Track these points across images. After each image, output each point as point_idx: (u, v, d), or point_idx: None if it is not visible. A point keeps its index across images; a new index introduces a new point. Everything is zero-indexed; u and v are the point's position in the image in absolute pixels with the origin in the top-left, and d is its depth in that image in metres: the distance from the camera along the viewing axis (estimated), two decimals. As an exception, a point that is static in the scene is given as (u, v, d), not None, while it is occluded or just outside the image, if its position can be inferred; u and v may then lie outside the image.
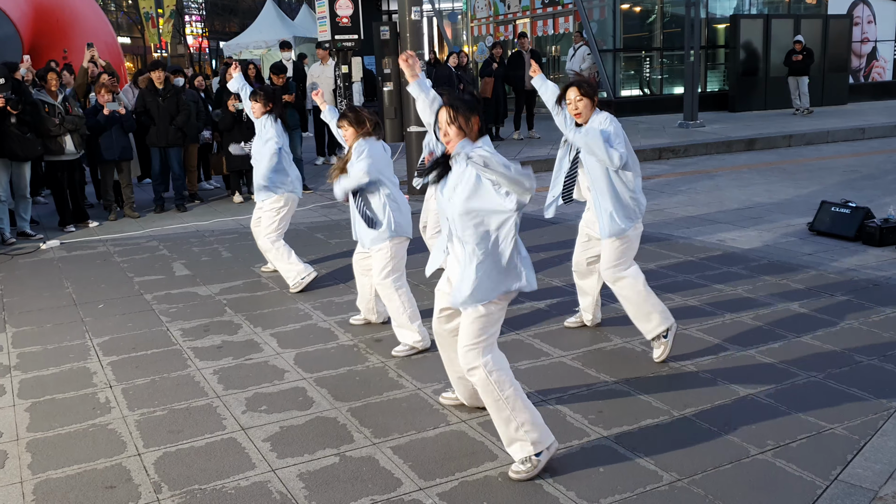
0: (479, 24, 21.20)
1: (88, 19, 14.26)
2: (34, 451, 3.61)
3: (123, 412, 3.98)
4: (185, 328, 5.20)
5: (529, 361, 4.44)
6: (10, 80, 7.65)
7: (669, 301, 5.37)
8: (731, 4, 18.76)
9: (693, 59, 14.60)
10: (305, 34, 21.34)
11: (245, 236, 7.83)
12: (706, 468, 3.27)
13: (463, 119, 3.09)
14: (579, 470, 3.30)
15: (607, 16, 17.30)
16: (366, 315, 5.17)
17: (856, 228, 6.90)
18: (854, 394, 3.89)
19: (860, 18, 19.37)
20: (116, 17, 43.79)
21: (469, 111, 3.10)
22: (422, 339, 4.60)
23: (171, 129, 8.94)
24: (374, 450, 3.52)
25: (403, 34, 9.60)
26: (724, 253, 6.54)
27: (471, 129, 3.10)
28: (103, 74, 8.87)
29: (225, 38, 36.56)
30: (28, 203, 8.18)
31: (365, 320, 5.18)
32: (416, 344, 4.61)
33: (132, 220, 8.83)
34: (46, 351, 4.88)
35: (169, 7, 28.92)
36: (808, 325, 4.84)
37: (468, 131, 3.10)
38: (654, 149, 12.55)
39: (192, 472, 3.38)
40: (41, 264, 7.06)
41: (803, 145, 13.45)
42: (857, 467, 3.24)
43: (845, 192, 8.98)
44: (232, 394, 4.16)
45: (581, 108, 4.22)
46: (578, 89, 4.21)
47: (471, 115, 3.10)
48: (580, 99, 4.21)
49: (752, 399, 3.87)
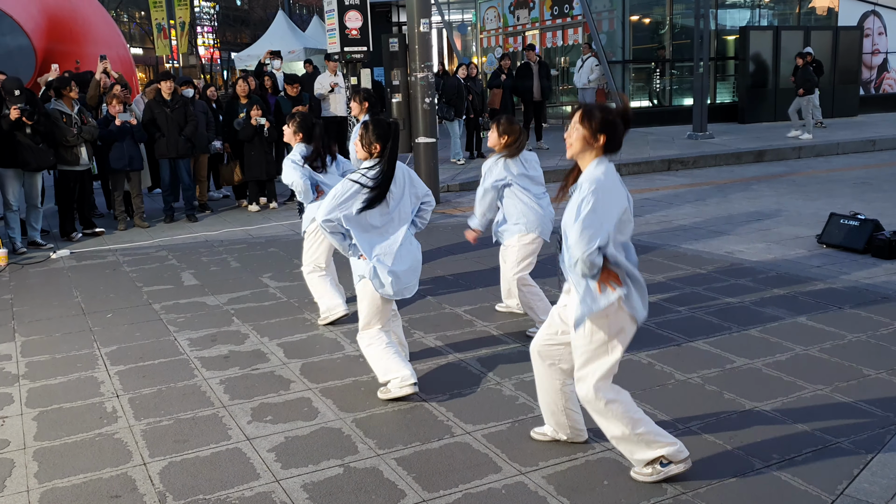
0: (488, 35, 21.28)
1: (101, 30, 14.40)
2: (41, 459, 3.63)
3: (130, 422, 4.00)
4: (192, 338, 5.23)
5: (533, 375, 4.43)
6: (25, 91, 7.74)
7: (676, 313, 5.36)
8: (741, 16, 18.78)
9: (702, 71, 14.61)
10: (316, 45, 21.46)
11: (254, 246, 7.87)
12: (711, 481, 3.25)
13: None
14: (583, 483, 3.29)
15: (616, 27, 17.34)
16: (507, 302, 5.53)
17: (865, 241, 6.86)
18: (861, 408, 3.87)
19: (871, 30, 19.34)
20: (129, 28, 44.20)
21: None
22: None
23: (180, 140, 9.00)
24: (379, 461, 3.52)
25: (412, 46, 9.64)
26: (732, 265, 6.52)
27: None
28: (115, 86, 8.96)
29: (236, 50, 36.83)
30: (39, 213, 8.25)
31: (507, 307, 5.53)
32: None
33: (142, 230, 8.89)
34: (55, 360, 4.91)
35: (181, 18, 29.14)
36: (816, 338, 4.81)
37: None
38: (662, 160, 12.54)
39: (196, 481, 3.39)
40: (51, 273, 7.11)
41: (813, 157, 13.41)
42: (863, 482, 3.22)
43: (855, 204, 8.95)
44: (238, 404, 4.17)
45: (574, 138, 3.11)
46: (581, 117, 3.11)
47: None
48: (576, 127, 3.11)
49: (758, 412, 3.86)
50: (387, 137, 4.06)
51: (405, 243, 4.14)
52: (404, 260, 4.11)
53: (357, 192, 4.02)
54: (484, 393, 4.21)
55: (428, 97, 9.61)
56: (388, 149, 4.06)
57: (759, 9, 19.11)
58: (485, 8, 21.08)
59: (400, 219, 4.17)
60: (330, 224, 4.07)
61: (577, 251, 2.96)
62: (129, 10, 45.04)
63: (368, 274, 4.08)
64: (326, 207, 4.05)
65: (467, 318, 5.46)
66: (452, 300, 5.88)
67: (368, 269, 4.07)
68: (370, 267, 4.07)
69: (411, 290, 4.21)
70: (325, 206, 4.06)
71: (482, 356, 4.74)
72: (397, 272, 4.07)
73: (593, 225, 2.96)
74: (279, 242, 7.99)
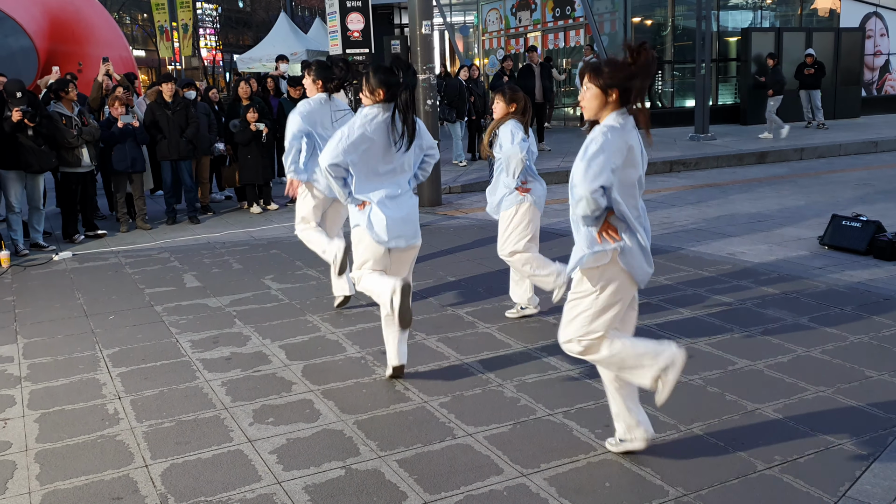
0: (490, 37, 21.29)
1: (104, 32, 14.43)
2: (42, 461, 3.64)
3: (132, 423, 4.00)
4: (194, 340, 5.23)
5: (537, 375, 4.44)
6: (27, 93, 7.75)
7: (678, 314, 5.36)
8: (743, 18, 18.78)
9: (704, 72, 14.61)
10: (318, 48, 21.50)
11: (255, 248, 7.88)
12: (713, 483, 3.25)
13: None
14: (585, 484, 3.29)
15: (618, 29, 17.35)
16: (516, 302, 5.49)
17: (867, 242, 6.86)
18: (863, 409, 3.86)
19: (873, 31, 19.34)
20: (131, 30, 44.29)
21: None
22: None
23: (181, 142, 9.02)
24: (380, 463, 3.52)
25: (414, 48, 9.65)
26: (733, 266, 6.51)
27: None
28: (118, 88, 8.97)
29: (239, 52, 36.88)
30: (41, 215, 8.27)
31: (518, 312, 5.47)
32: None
33: (144, 232, 8.90)
34: (56, 362, 4.92)
35: (183, 20, 29.18)
36: (818, 340, 4.81)
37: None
38: (664, 162, 12.54)
39: (198, 483, 3.39)
40: (53, 275, 7.12)
41: (815, 158, 13.41)
42: (865, 484, 3.21)
43: (857, 205, 8.94)
44: (239, 406, 4.17)
45: (587, 99, 3.12)
46: (590, 76, 3.10)
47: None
48: (587, 87, 3.12)
49: (760, 414, 3.85)
50: (389, 82, 4.02)
51: (404, 194, 4.17)
52: (401, 208, 4.14)
53: (363, 136, 4.02)
54: (486, 395, 4.21)
55: (430, 99, 9.63)
56: (393, 93, 4.01)
57: (760, 10, 19.12)
58: (486, 10, 21.10)
59: (402, 168, 4.19)
60: (336, 168, 4.08)
61: (582, 189, 2.95)
62: (132, 12, 45.16)
63: (363, 221, 4.11)
64: (332, 150, 4.04)
65: (469, 319, 5.45)
66: (454, 301, 5.88)
67: (364, 217, 4.11)
68: (366, 213, 4.10)
69: (407, 241, 4.21)
70: (330, 149, 4.05)
71: (484, 358, 4.73)
72: (393, 218, 4.10)
73: (599, 163, 2.95)
74: (281, 244, 8.00)
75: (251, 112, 9.36)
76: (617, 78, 3.03)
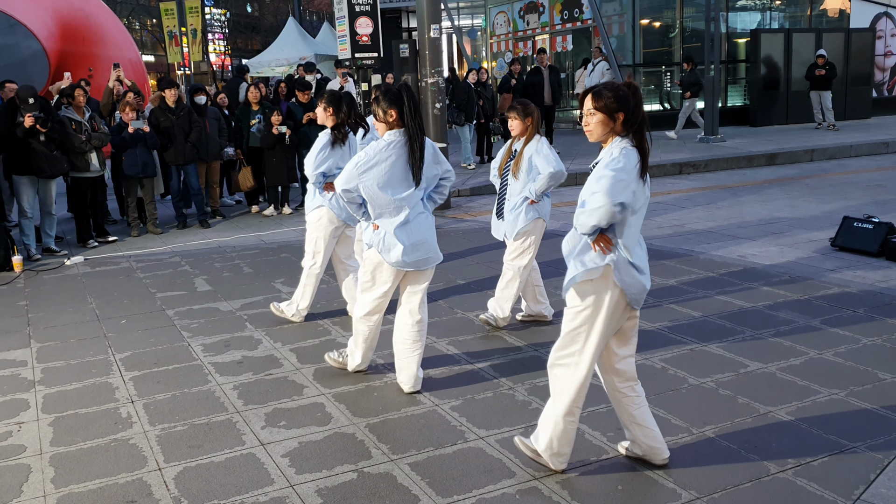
0: (498, 40, 21.30)
1: (113, 37, 14.48)
2: (57, 465, 3.66)
3: (145, 427, 4.02)
4: (206, 343, 5.25)
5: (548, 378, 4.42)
6: (38, 99, 7.80)
7: (689, 317, 5.35)
8: (752, 19, 18.72)
9: (713, 74, 14.57)
10: (326, 52, 21.57)
11: (266, 252, 7.90)
12: (725, 486, 3.24)
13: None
14: (597, 488, 3.28)
15: (627, 31, 17.32)
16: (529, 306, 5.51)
17: (879, 244, 6.83)
18: (877, 412, 3.84)
19: (883, 31, 19.23)
20: (140, 35, 44.51)
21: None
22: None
23: (186, 147, 9.05)
24: (392, 466, 3.53)
25: (423, 51, 9.66)
26: (744, 269, 6.49)
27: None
28: (128, 93, 9.02)
29: (247, 56, 37.05)
30: (53, 219, 8.31)
31: (530, 316, 5.49)
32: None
33: (155, 236, 8.94)
34: (70, 366, 4.94)
35: (192, 25, 29.31)
36: (830, 342, 4.79)
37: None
38: (674, 164, 12.51)
39: (211, 486, 3.41)
40: (65, 280, 7.16)
41: (825, 160, 13.35)
42: (880, 487, 3.19)
43: (868, 207, 8.89)
44: (251, 409, 4.19)
45: (592, 125, 3.15)
46: (594, 100, 3.12)
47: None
48: (592, 113, 3.13)
49: (773, 416, 3.84)
50: (400, 101, 4.06)
51: (420, 217, 4.17)
52: (416, 233, 4.14)
53: (378, 163, 4.05)
54: (497, 398, 4.21)
55: (438, 102, 9.63)
56: (405, 114, 4.06)
57: (769, 11, 19.05)
58: (494, 13, 21.11)
59: (417, 194, 4.19)
60: (349, 194, 4.13)
61: (604, 199, 2.96)
62: (141, 17, 45.39)
63: (377, 244, 4.13)
64: (346, 176, 4.09)
65: (479, 322, 5.45)
66: (464, 305, 5.88)
67: (378, 239, 4.12)
68: (381, 236, 4.11)
69: (425, 265, 4.23)
70: (345, 175, 4.10)
71: (495, 361, 4.73)
72: (407, 244, 4.10)
73: (625, 180, 3.01)
74: (291, 248, 8.02)
75: (275, 115, 9.41)
76: (620, 101, 3.07)
